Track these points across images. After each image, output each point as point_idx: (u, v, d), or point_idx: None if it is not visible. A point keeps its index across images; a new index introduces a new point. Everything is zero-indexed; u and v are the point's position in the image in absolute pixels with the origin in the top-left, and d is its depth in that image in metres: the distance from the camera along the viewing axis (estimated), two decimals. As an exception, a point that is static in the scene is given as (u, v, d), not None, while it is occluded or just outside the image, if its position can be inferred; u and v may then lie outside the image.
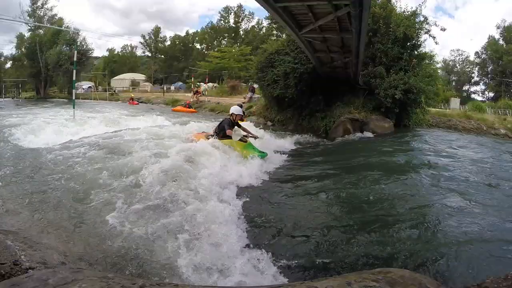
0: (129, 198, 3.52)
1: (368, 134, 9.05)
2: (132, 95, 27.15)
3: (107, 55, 52.90)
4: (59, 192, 3.79)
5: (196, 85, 24.64)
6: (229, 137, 5.46)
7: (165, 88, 33.01)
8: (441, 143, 8.03)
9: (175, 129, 7.38)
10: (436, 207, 3.49)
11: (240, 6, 48.20)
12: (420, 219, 3.23)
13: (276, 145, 7.08)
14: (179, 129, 7.40)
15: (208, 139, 5.69)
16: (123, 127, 8.60)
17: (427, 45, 45.21)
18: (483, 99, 40.06)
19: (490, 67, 41.92)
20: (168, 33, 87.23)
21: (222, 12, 49.14)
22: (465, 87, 45.74)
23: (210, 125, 8.43)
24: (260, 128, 7.62)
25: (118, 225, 2.99)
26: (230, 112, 5.90)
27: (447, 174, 4.79)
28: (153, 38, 50.52)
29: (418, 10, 10.11)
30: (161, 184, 3.82)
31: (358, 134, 9.16)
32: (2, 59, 37.86)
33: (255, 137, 5.82)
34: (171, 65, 48.54)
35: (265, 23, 44.27)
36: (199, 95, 21.03)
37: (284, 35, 15.89)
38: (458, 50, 47.42)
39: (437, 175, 4.75)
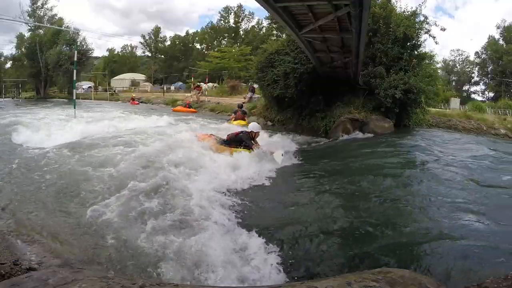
0: (128, 197, 3.52)
1: (368, 134, 9.04)
2: (133, 95, 27.21)
3: (107, 55, 52.94)
4: (57, 191, 3.80)
5: (197, 84, 24.66)
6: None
7: (165, 88, 32.99)
8: (441, 143, 8.02)
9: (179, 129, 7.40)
10: (436, 207, 3.49)
11: (240, 6, 48.27)
12: (420, 219, 3.23)
13: (276, 145, 7.06)
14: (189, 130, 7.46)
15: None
16: (122, 127, 8.60)
17: (427, 45, 45.27)
18: (483, 99, 40.12)
19: (490, 67, 41.94)
20: (168, 33, 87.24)
21: (222, 12, 49.23)
22: (465, 87, 45.76)
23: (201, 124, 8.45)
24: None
25: (117, 224, 2.99)
26: (250, 129, 5.96)
27: (447, 175, 4.78)
28: (153, 38, 50.51)
29: (418, 10, 10.13)
30: (161, 182, 3.83)
31: (358, 134, 9.15)
32: (2, 59, 37.89)
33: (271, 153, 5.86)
34: (171, 65, 48.53)
35: (265, 23, 44.36)
36: (200, 91, 21.05)
37: (284, 35, 15.91)
38: (458, 50, 47.49)
39: (437, 175, 4.75)
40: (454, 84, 45.03)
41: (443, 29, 10.77)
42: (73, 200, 3.56)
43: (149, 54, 51.85)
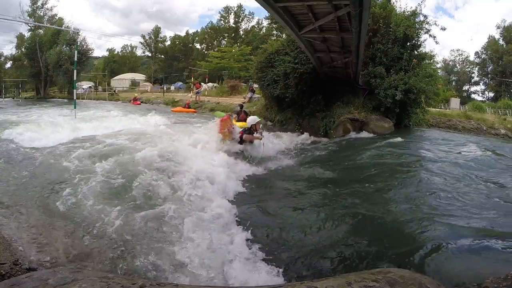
0: (126, 197, 3.52)
1: (368, 134, 9.04)
2: (136, 94, 27.24)
3: (107, 55, 52.92)
4: (56, 192, 3.78)
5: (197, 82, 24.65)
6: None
7: (165, 88, 32.97)
8: (441, 144, 8.02)
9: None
10: (436, 207, 3.49)
11: (240, 6, 48.18)
12: (420, 219, 3.22)
13: (276, 146, 7.08)
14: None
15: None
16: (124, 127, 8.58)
17: (427, 45, 45.40)
18: (483, 99, 40.13)
19: (490, 67, 41.95)
20: (168, 33, 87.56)
21: (222, 12, 49.14)
22: (465, 87, 45.76)
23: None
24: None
25: (116, 225, 2.99)
26: (250, 125, 6.08)
27: (447, 175, 4.78)
28: (153, 38, 50.45)
29: (418, 10, 10.13)
30: (163, 182, 3.84)
31: (358, 134, 9.14)
32: (2, 59, 37.95)
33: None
34: (171, 65, 48.49)
35: (265, 23, 44.33)
36: (200, 88, 21.06)
37: (284, 35, 15.88)
38: (458, 50, 47.60)
39: (437, 175, 4.75)
40: (454, 84, 45.02)
41: (443, 29, 10.78)
42: (72, 201, 3.54)
43: (149, 54, 51.78)
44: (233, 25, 48.41)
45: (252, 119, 6.15)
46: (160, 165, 4.38)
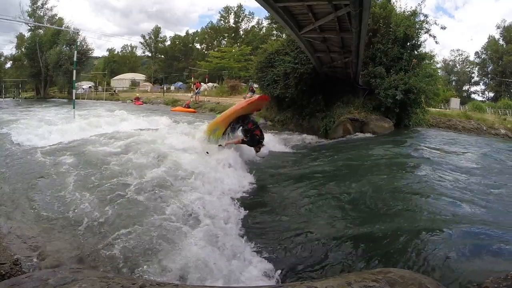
0: (124, 197, 3.52)
1: (368, 134, 9.05)
2: (137, 94, 27.22)
3: (107, 55, 52.91)
4: (56, 192, 3.78)
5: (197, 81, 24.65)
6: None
7: (165, 88, 32.98)
8: (441, 144, 8.02)
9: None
10: (436, 207, 3.49)
11: (240, 6, 48.20)
12: (420, 219, 3.22)
13: (276, 146, 7.08)
14: None
15: None
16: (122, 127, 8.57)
17: (427, 45, 45.41)
18: (483, 99, 40.13)
19: (490, 67, 41.94)
20: (168, 33, 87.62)
21: (222, 12, 49.17)
22: (465, 87, 45.74)
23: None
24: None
25: (116, 225, 2.99)
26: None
27: (447, 175, 4.79)
28: (153, 38, 50.47)
29: (418, 10, 10.14)
30: (162, 178, 3.83)
31: (358, 134, 9.15)
32: (2, 59, 37.93)
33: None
34: (171, 65, 48.50)
35: (265, 23, 44.36)
36: (199, 88, 21.03)
37: (284, 35, 15.88)
38: (458, 50, 47.61)
39: (436, 175, 4.75)
40: (454, 84, 45.00)
41: (443, 28, 10.80)
42: (72, 202, 3.54)
43: (149, 54, 51.79)
44: (233, 25, 48.41)
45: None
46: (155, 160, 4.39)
